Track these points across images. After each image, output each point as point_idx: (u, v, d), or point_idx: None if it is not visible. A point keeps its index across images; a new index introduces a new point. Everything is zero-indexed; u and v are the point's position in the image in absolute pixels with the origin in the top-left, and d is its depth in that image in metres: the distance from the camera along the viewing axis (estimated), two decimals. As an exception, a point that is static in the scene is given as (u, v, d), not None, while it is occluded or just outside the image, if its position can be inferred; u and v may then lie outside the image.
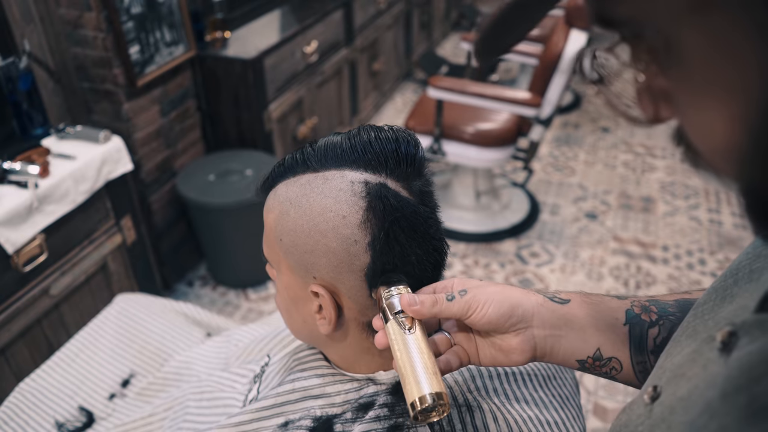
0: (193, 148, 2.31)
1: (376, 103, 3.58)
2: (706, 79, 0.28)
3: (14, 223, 1.44)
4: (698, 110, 0.29)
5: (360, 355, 0.68)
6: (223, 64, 2.23)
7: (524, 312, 0.58)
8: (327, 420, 0.68)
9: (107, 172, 1.68)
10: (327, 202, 0.61)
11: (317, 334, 0.67)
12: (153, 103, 2.04)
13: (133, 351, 1.24)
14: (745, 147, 0.27)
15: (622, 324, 0.60)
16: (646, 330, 0.60)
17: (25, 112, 1.68)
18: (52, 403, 1.16)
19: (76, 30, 1.80)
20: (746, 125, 0.27)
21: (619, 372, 0.60)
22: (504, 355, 0.59)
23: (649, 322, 0.60)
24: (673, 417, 0.38)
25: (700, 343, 0.38)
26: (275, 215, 0.65)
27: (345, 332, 0.67)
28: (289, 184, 0.65)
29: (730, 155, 0.28)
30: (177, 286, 2.36)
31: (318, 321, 0.65)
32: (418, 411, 0.54)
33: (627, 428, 0.44)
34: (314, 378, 0.71)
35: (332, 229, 0.61)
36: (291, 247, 0.64)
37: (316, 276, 0.63)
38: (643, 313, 0.61)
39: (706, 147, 0.30)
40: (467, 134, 2.42)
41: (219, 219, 2.14)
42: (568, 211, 2.80)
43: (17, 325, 1.52)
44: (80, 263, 1.67)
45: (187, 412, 0.93)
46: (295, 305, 0.68)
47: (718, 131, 0.29)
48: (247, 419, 0.74)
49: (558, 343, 0.59)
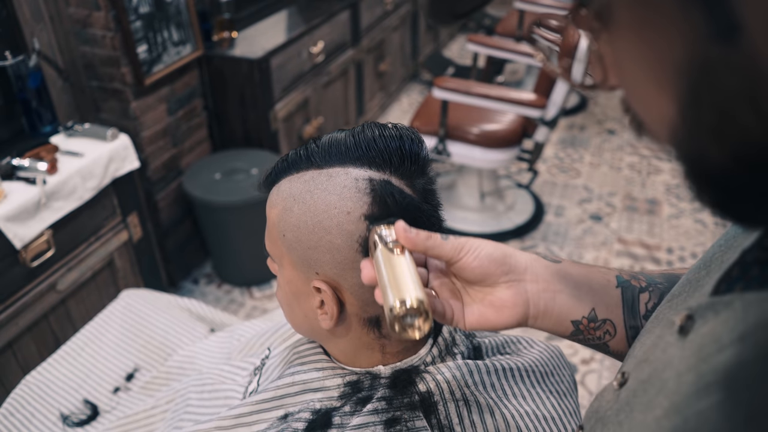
0: (199, 147, 2.33)
1: (382, 103, 3.60)
2: (638, 48, 0.29)
3: (22, 219, 1.46)
4: (635, 80, 0.31)
5: (360, 350, 0.69)
6: (229, 63, 2.25)
7: (517, 263, 0.57)
8: (326, 413, 0.69)
9: (114, 170, 1.70)
10: (331, 198, 0.62)
11: (318, 328, 0.68)
12: (160, 101, 2.06)
13: (138, 345, 1.26)
14: (674, 116, 0.28)
15: (614, 287, 0.59)
16: (638, 294, 0.59)
17: (34, 110, 1.70)
18: (58, 396, 1.18)
19: (85, 29, 1.82)
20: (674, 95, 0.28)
21: (612, 337, 0.59)
22: (494, 311, 0.57)
23: (639, 287, 0.60)
24: (635, 400, 0.39)
25: (662, 328, 0.39)
26: (278, 211, 0.66)
27: (347, 327, 0.67)
28: (293, 180, 0.66)
29: (665, 124, 0.29)
30: (182, 283, 2.38)
31: (320, 316, 0.66)
32: (397, 315, 0.49)
33: (597, 414, 0.45)
34: (313, 371, 0.72)
35: (336, 226, 0.61)
36: (294, 242, 0.65)
37: (318, 272, 0.64)
38: (633, 279, 0.61)
39: (645, 115, 0.31)
40: (472, 135, 2.43)
41: (224, 217, 2.16)
42: (572, 213, 2.80)
43: (24, 319, 1.54)
44: (87, 259, 1.69)
45: (189, 404, 0.95)
46: (296, 300, 0.69)
47: (653, 100, 0.30)
48: (246, 411, 0.75)
49: (552, 301, 0.57)
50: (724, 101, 0.26)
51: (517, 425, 0.69)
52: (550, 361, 0.80)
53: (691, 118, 0.28)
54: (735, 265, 0.37)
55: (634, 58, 0.30)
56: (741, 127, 0.26)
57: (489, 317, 0.57)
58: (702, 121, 0.27)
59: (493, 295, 0.57)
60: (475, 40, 2.73)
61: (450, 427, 0.67)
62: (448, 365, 0.69)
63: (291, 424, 0.69)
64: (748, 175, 0.27)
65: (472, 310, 0.58)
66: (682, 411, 0.31)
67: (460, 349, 0.73)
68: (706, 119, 0.27)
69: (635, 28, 0.28)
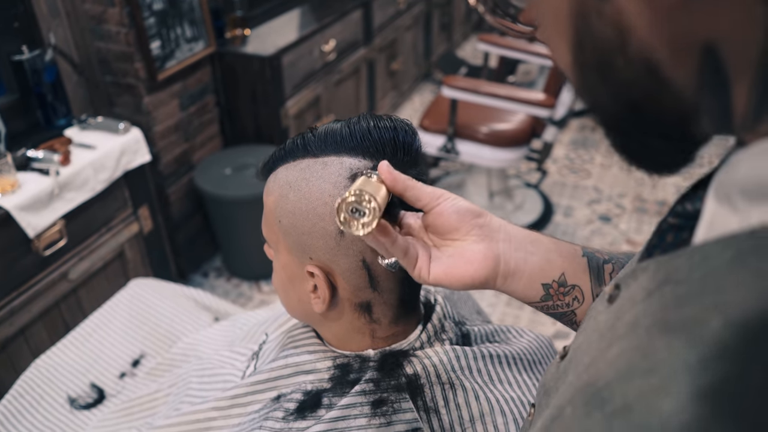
0: (210, 142, 2.37)
1: (393, 102, 3.62)
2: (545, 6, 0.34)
3: (36, 209, 1.50)
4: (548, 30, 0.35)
5: (352, 334, 0.71)
6: (241, 60, 2.29)
7: (491, 220, 0.59)
8: (316, 394, 0.71)
9: (126, 162, 1.74)
10: (325, 186, 0.64)
11: (311, 312, 0.70)
12: (173, 97, 2.10)
13: (144, 333, 1.29)
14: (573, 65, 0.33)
15: (581, 255, 0.62)
16: (602, 264, 0.62)
17: (49, 103, 1.75)
18: (66, 379, 1.21)
19: (99, 25, 1.86)
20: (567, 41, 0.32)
21: (580, 304, 0.61)
22: (463, 263, 0.57)
23: (603, 258, 0.62)
24: (569, 365, 0.41)
25: (598, 301, 0.41)
26: (275, 198, 0.69)
27: (339, 312, 0.69)
28: (290, 168, 0.68)
29: (568, 70, 0.34)
30: (192, 276, 2.42)
31: (312, 300, 0.68)
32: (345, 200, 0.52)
33: (544, 387, 0.47)
34: (306, 354, 0.74)
35: (330, 213, 0.63)
36: (289, 228, 0.67)
37: (312, 257, 0.66)
38: (596, 252, 0.63)
39: (559, 64, 0.35)
40: (481, 134, 2.45)
41: (234, 212, 2.19)
42: (581, 214, 2.81)
43: (36, 306, 1.59)
44: (98, 250, 1.73)
45: (190, 387, 0.97)
46: (291, 284, 0.71)
47: (558, 47, 0.34)
48: (242, 392, 0.77)
49: (524, 262, 0.58)
50: (599, 45, 0.30)
51: (501, 409, 0.71)
52: (539, 350, 0.82)
53: (578, 62, 0.32)
54: (654, 234, 0.39)
55: (541, 12, 0.35)
56: (614, 69, 0.30)
57: (456, 269, 0.58)
58: (586, 63, 0.32)
59: (464, 248, 0.58)
60: (486, 39, 2.74)
61: (435, 409, 0.69)
62: (436, 350, 0.71)
63: (283, 405, 0.72)
64: (630, 116, 0.31)
65: (439, 263, 0.58)
66: (596, 362, 0.33)
67: (449, 335, 0.75)
68: (588, 61, 0.31)
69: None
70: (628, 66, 0.29)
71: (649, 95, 0.30)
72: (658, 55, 0.28)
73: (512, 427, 0.71)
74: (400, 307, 0.69)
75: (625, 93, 0.31)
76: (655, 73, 0.29)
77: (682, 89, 0.29)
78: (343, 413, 0.67)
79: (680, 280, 0.29)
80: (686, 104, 0.29)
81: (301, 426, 0.69)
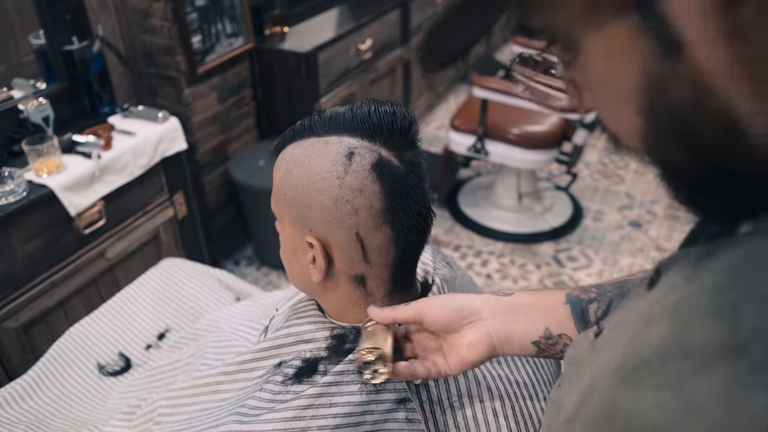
0: (246, 135, 2.45)
1: (429, 103, 3.66)
2: (603, 72, 0.34)
3: (78, 189, 1.60)
4: (605, 99, 0.35)
5: (348, 305, 0.76)
6: (278, 56, 2.36)
7: (473, 307, 0.67)
8: (314, 361, 0.76)
9: (163, 150, 1.83)
10: (325, 163, 0.69)
11: (312, 283, 0.76)
12: (211, 90, 2.19)
13: (171, 308, 1.37)
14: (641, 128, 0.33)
15: (563, 304, 0.67)
16: (586, 306, 0.66)
17: (95, 92, 1.85)
18: (96, 347, 1.30)
19: (145, 19, 1.96)
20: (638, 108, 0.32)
21: None
22: (468, 350, 0.67)
23: (587, 299, 0.66)
24: (605, 344, 0.43)
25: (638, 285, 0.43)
26: (282, 173, 0.74)
27: (335, 283, 0.74)
28: (296, 146, 0.74)
29: (635, 135, 0.34)
30: (224, 263, 2.51)
31: (311, 270, 0.74)
32: (364, 358, 0.64)
33: (573, 359, 0.50)
34: (306, 325, 0.79)
35: (328, 188, 0.69)
36: (292, 201, 0.72)
37: (312, 229, 0.71)
38: (583, 293, 0.67)
39: (618, 130, 0.36)
40: (512, 135, 2.47)
41: (266, 202, 2.24)
42: (611, 218, 2.79)
43: (75, 281, 1.69)
44: (134, 231, 1.83)
45: (206, 357, 1.04)
46: (294, 255, 0.77)
47: (622, 116, 0.34)
48: (248, 359, 0.83)
49: (511, 329, 0.66)
50: (676, 109, 0.30)
51: (488, 385, 0.75)
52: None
53: (653, 127, 0.32)
54: (700, 221, 0.41)
55: (601, 81, 0.34)
56: (693, 131, 0.30)
57: (465, 357, 0.67)
58: (661, 128, 0.31)
59: (463, 337, 0.67)
60: (521, 42, 2.76)
61: (424, 381, 0.74)
62: (428, 326, 0.75)
63: (283, 370, 0.77)
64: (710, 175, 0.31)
65: (452, 359, 0.68)
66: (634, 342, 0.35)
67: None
68: (664, 126, 0.31)
69: (598, 56, 0.33)
70: (707, 124, 0.29)
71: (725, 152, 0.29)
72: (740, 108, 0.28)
73: (497, 403, 0.75)
74: (394, 282, 0.74)
75: (705, 152, 0.30)
76: (735, 129, 0.28)
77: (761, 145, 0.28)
78: (336, 379, 0.71)
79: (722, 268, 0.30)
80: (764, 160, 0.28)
81: (297, 389, 0.74)
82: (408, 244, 0.71)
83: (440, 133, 3.54)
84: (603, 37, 0.32)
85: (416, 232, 0.72)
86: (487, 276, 2.48)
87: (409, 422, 0.71)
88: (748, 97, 0.27)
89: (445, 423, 0.73)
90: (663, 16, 0.28)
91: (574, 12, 0.32)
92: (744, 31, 0.26)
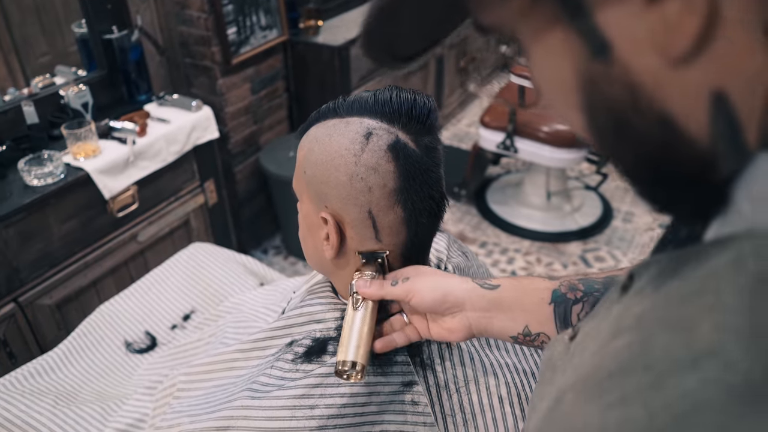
0: (278, 126, 2.49)
1: (462, 100, 3.65)
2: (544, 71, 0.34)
3: (112, 173, 1.66)
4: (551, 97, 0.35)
5: None
6: (312, 49, 2.40)
7: (456, 299, 0.69)
8: (323, 341, 0.78)
9: (196, 138, 1.88)
10: (344, 141, 0.71)
11: (325, 260, 0.77)
12: (245, 81, 2.23)
13: (197, 291, 1.41)
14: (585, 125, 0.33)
15: (548, 303, 0.67)
16: (570, 307, 0.66)
17: (132, 80, 1.91)
18: (124, 325, 1.35)
19: (183, 10, 2.01)
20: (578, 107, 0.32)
21: None
22: (447, 333, 0.71)
23: (573, 299, 0.67)
24: (577, 348, 0.44)
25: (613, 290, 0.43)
26: (304, 152, 0.76)
27: (347, 261, 0.76)
28: (319, 127, 0.76)
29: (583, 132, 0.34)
30: (252, 252, 2.56)
31: (324, 246, 0.76)
32: (339, 369, 0.68)
33: (550, 361, 0.50)
34: (318, 305, 0.81)
35: (344, 165, 0.71)
36: (311, 177, 0.74)
37: (327, 205, 0.73)
38: (569, 291, 0.67)
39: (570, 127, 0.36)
40: (542, 133, 2.45)
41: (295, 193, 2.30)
42: (642, 220, 2.75)
43: (108, 262, 1.75)
44: (166, 216, 1.88)
45: (225, 336, 1.07)
46: (309, 232, 0.79)
47: (567, 114, 0.34)
48: (262, 337, 0.86)
49: (490, 323, 0.69)
50: (614, 109, 0.30)
51: (494, 372, 0.76)
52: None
53: (594, 125, 0.32)
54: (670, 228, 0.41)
55: (543, 79, 0.35)
56: (633, 130, 0.30)
57: (445, 336, 0.72)
58: (604, 127, 0.32)
59: (444, 322, 0.71)
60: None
61: (431, 366, 0.75)
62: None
63: (294, 349, 0.79)
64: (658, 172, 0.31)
65: (434, 330, 0.72)
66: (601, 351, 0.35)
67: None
68: (606, 125, 0.31)
69: (537, 55, 0.34)
70: (642, 122, 0.30)
71: (666, 148, 0.30)
72: (670, 107, 0.28)
73: (503, 389, 0.76)
74: (405, 264, 0.75)
75: (643, 148, 0.31)
76: (669, 126, 0.29)
77: (697, 138, 0.29)
78: (344, 359, 0.73)
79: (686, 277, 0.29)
80: (703, 153, 0.29)
81: (306, 368, 0.76)
82: (419, 227, 0.73)
83: (471, 130, 3.54)
84: (537, 39, 0.33)
85: (428, 215, 0.73)
86: (512, 273, 2.47)
87: (413, 404, 0.73)
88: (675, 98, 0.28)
89: (452, 407, 0.74)
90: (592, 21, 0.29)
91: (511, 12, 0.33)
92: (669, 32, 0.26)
